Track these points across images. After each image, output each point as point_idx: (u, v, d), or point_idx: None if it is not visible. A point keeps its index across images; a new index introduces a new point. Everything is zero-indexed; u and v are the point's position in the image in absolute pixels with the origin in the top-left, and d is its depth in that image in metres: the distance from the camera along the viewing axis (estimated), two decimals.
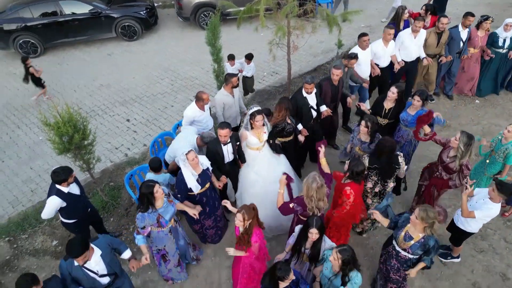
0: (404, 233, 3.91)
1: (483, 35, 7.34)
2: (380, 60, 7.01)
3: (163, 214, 4.28)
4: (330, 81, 6.01)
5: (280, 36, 6.63)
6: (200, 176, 4.70)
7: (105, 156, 7.16)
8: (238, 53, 10.16)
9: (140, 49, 10.64)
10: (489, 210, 4.29)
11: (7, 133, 7.88)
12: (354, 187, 4.29)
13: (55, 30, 10.17)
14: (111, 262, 3.90)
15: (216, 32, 6.38)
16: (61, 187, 4.46)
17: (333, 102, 6.27)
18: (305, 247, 4.00)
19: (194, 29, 11.48)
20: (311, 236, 3.80)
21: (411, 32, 6.97)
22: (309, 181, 3.99)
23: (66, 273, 3.72)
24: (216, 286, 5.06)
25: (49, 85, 9.22)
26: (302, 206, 4.17)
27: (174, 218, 4.57)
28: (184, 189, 4.68)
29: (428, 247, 3.80)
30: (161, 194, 4.17)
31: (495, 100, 8.11)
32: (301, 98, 5.70)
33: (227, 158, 5.20)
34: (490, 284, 5.00)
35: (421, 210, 3.67)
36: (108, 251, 3.88)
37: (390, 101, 5.61)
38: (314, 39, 9.11)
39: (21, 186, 6.69)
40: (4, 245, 5.65)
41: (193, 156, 4.49)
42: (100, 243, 3.85)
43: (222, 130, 4.84)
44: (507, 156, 5.16)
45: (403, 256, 4.00)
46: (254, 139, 5.20)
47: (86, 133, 5.17)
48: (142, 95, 8.84)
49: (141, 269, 5.14)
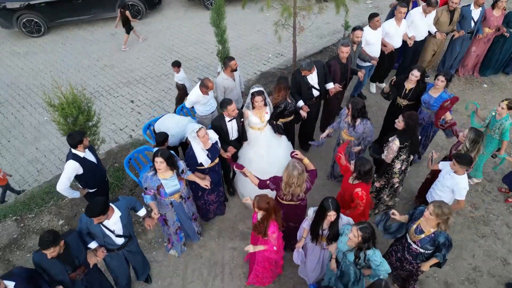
0: (416, 226, 3.91)
1: (499, 14, 7.09)
2: (393, 39, 6.85)
3: (164, 185, 4.35)
4: (338, 60, 5.93)
5: (286, 17, 6.53)
6: (209, 151, 4.78)
7: (110, 137, 7.19)
8: (243, 34, 10.08)
9: (144, 29, 10.51)
10: (457, 185, 4.35)
11: (12, 113, 7.90)
12: (364, 188, 4.21)
13: (59, 8, 10.04)
14: (127, 224, 4.12)
15: (220, 13, 6.27)
16: (77, 151, 4.52)
17: (343, 81, 6.21)
18: (322, 228, 3.97)
19: (198, 9, 11.31)
20: (329, 218, 3.78)
21: (422, 11, 6.83)
22: (289, 170, 3.98)
23: (84, 227, 3.95)
24: (220, 267, 5.14)
25: (53, 65, 9.20)
26: (276, 185, 4.22)
27: (182, 195, 4.62)
28: (194, 163, 4.76)
29: (438, 243, 3.80)
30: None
31: (503, 85, 7.99)
32: (300, 77, 5.65)
33: (231, 135, 5.21)
34: (491, 268, 5.05)
35: (436, 206, 3.62)
36: (126, 214, 4.09)
37: (411, 83, 5.53)
38: (321, 20, 8.96)
39: (27, 166, 6.76)
40: (12, 224, 5.75)
41: (204, 133, 4.57)
42: (121, 204, 4.06)
43: (230, 105, 4.87)
44: (503, 131, 5.17)
45: (414, 250, 4.01)
46: (256, 118, 5.18)
47: (90, 114, 5.18)
48: (146, 76, 8.80)
49: (145, 249, 5.26)
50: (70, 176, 4.54)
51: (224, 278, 5.02)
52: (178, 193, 4.52)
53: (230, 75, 5.88)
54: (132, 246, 4.39)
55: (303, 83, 5.66)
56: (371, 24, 6.49)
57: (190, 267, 5.15)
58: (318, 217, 3.91)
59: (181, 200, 4.66)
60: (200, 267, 5.16)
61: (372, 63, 6.63)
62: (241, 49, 9.47)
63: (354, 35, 6.12)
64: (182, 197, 4.66)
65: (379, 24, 6.51)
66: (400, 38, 6.92)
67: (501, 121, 5.15)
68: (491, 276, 4.98)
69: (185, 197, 4.72)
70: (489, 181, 6.11)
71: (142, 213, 4.43)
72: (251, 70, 8.82)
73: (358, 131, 5.01)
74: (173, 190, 4.43)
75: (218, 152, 4.95)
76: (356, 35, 6.11)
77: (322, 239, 4.05)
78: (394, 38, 6.85)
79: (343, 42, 5.86)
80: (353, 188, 4.25)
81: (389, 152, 4.66)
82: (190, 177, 4.72)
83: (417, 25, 6.95)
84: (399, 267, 4.38)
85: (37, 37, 10.21)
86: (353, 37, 6.16)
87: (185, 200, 4.74)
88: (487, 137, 5.37)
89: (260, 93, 5.01)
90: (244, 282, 4.92)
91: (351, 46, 6.02)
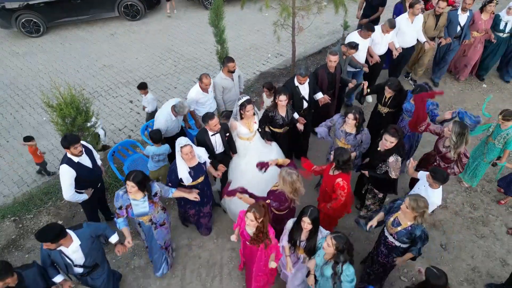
0: (394, 219, 3.93)
1: (487, 18, 7.04)
2: (377, 47, 6.75)
3: (133, 206, 4.16)
4: (326, 69, 5.80)
5: (285, 17, 6.52)
6: (193, 169, 4.58)
7: (109, 137, 7.17)
8: (242, 34, 10.07)
9: (143, 29, 10.50)
10: (429, 198, 4.07)
11: (11, 113, 7.89)
12: (345, 177, 4.23)
13: (58, 8, 10.01)
14: (91, 252, 3.86)
15: (219, 13, 6.26)
16: (71, 156, 4.44)
17: (331, 90, 6.06)
18: (300, 239, 3.91)
19: (197, 8, 11.29)
20: (303, 225, 3.72)
21: (408, 16, 6.74)
22: (287, 178, 3.93)
23: (46, 254, 3.73)
24: (218, 267, 5.14)
25: (52, 65, 9.19)
26: (279, 201, 4.13)
27: (152, 220, 4.40)
28: (175, 179, 4.59)
29: (414, 236, 3.79)
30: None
31: (503, 85, 7.99)
32: (293, 87, 5.52)
33: (216, 148, 5.09)
34: (490, 269, 5.05)
35: (412, 200, 3.66)
36: (88, 242, 3.83)
37: (389, 92, 5.42)
38: (320, 19, 8.95)
39: (25, 166, 6.74)
40: (10, 225, 5.74)
41: (188, 151, 4.35)
42: (83, 232, 3.80)
43: (211, 120, 4.72)
44: (508, 141, 5.12)
45: (390, 243, 4.02)
46: (244, 129, 5.11)
47: (89, 115, 5.15)
48: (145, 76, 8.78)
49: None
50: (70, 182, 4.47)
51: (223, 279, 5.01)
52: (147, 216, 4.33)
53: (229, 75, 5.88)
54: (97, 274, 4.11)
55: (295, 93, 5.54)
56: (361, 32, 6.41)
57: (189, 268, 5.14)
58: (297, 223, 3.87)
59: (150, 224, 4.44)
60: (199, 267, 5.15)
61: (364, 70, 6.50)
62: (240, 49, 9.46)
63: (348, 52, 6.04)
64: (152, 222, 4.43)
65: (369, 34, 6.40)
66: (385, 46, 6.79)
67: (507, 131, 5.10)
68: (490, 276, 4.97)
69: (156, 223, 4.46)
70: (488, 181, 6.11)
71: (114, 240, 4.14)
72: (250, 70, 8.81)
73: (357, 140, 4.96)
74: (141, 212, 4.23)
75: (203, 172, 4.74)
76: (350, 52, 6.04)
77: (299, 250, 3.98)
78: (378, 46, 6.73)
79: (331, 51, 5.74)
80: (334, 179, 4.29)
81: (395, 170, 4.57)
82: (176, 194, 4.57)
83: (404, 32, 6.83)
84: (375, 261, 4.38)
85: (36, 37, 10.18)
86: (346, 51, 6.07)
87: (156, 226, 4.48)
88: (488, 145, 5.35)
89: (250, 102, 4.95)
90: (243, 284, 4.92)
91: (340, 54, 5.87)
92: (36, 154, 6.13)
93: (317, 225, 3.81)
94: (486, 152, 5.42)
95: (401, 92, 5.42)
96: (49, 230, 3.52)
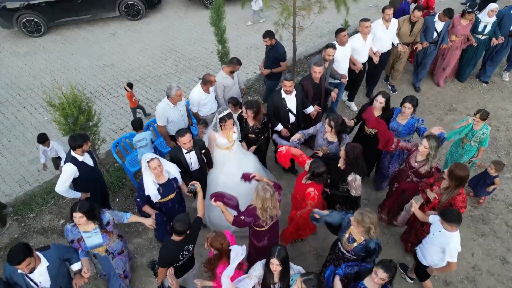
0: (348, 235, 3.84)
1: (467, 23, 6.97)
2: (360, 55, 6.56)
3: (85, 240, 3.92)
4: (310, 80, 5.64)
5: (286, 16, 6.54)
6: (162, 186, 4.37)
7: (110, 137, 7.20)
8: (243, 34, 10.08)
9: (144, 29, 10.52)
10: (448, 244, 3.88)
11: (13, 113, 7.92)
12: (317, 188, 4.20)
13: (59, 8, 10.04)
14: (57, 276, 3.63)
15: (220, 13, 6.29)
16: (76, 154, 4.51)
17: (317, 100, 5.91)
18: (273, 282, 3.60)
19: (198, 8, 11.31)
20: (272, 267, 3.46)
21: (382, 23, 6.67)
22: (261, 194, 3.78)
23: (8, 277, 3.50)
24: None
25: (53, 64, 9.21)
26: (253, 216, 3.97)
27: (108, 250, 4.19)
28: (143, 194, 4.38)
29: (369, 249, 3.72)
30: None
31: (503, 84, 8.01)
32: (279, 100, 5.38)
33: (191, 166, 4.92)
34: (490, 267, 5.07)
35: (358, 213, 3.58)
36: (56, 264, 3.63)
37: (376, 110, 5.13)
38: (320, 19, 8.95)
39: (27, 165, 6.77)
40: (13, 224, 5.77)
41: (156, 165, 4.15)
42: (51, 254, 3.61)
43: (182, 137, 4.52)
44: (483, 140, 5.29)
45: (348, 257, 3.94)
46: (223, 140, 5.03)
47: (91, 114, 5.18)
48: (146, 75, 8.80)
49: (146, 248, 5.24)
50: (68, 179, 4.55)
51: None
52: (101, 247, 4.12)
53: (229, 74, 5.91)
54: None
55: (282, 106, 5.42)
56: (337, 39, 6.16)
57: None
58: (267, 268, 3.57)
59: (107, 254, 4.22)
60: (200, 266, 5.16)
61: (342, 81, 6.32)
62: (241, 49, 9.48)
63: (326, 53, 5.81)
64: (108, 252, 4.22)
65: (346, 40, 6.18)
66: (366, 53, 6.69)
67: (481, 131, 5.22)
68: (490, 274, 5.00)
69: (113, 252, 4.27)
70: None
71: (76, 268, 3.87)
72: (251, 69, 8.83)
73: (338, 147, 4.86)
74: (95, 245, 3.99)
75: (174, 190, 4.53)
76: (328, 53, 5.79)
77: None
78: (361, 54, 6.59)
79: (315, 62, 5.55)
80: (305, 188, 4.25)
81: (355, 188, 4.41)
82: (131, 219, 4.38)
83: (379, 38, 6.74)
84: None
85: (37, 37, 10.21)
86: (324, 54, 5.85)
87: (113, 256, 4.29)
88: (465, 146, 5.47)
89: (230, 117, 4.91)
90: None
91: (324, 65, 5.70)
92: (131, 100, 7.08)
93: (287, 263, 3.57)
94: (463, 153, 5.54)
95: (387, 109, 5.18)
96: (15, 251, 3.31)
